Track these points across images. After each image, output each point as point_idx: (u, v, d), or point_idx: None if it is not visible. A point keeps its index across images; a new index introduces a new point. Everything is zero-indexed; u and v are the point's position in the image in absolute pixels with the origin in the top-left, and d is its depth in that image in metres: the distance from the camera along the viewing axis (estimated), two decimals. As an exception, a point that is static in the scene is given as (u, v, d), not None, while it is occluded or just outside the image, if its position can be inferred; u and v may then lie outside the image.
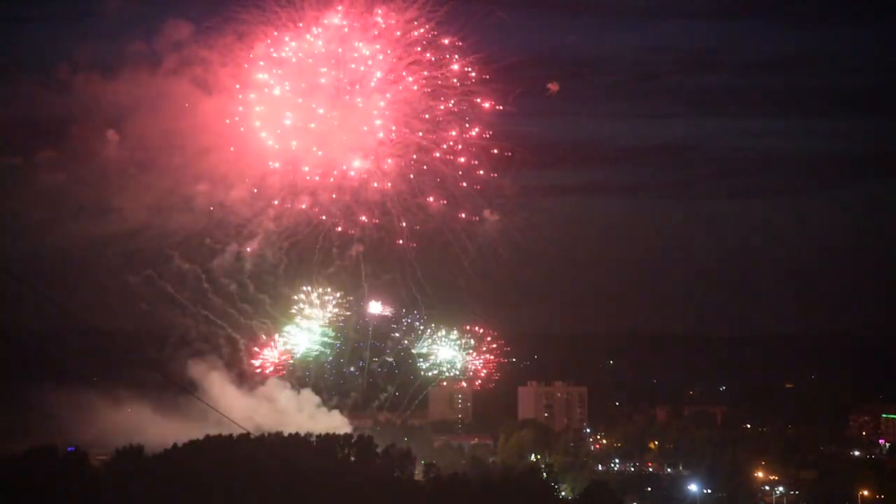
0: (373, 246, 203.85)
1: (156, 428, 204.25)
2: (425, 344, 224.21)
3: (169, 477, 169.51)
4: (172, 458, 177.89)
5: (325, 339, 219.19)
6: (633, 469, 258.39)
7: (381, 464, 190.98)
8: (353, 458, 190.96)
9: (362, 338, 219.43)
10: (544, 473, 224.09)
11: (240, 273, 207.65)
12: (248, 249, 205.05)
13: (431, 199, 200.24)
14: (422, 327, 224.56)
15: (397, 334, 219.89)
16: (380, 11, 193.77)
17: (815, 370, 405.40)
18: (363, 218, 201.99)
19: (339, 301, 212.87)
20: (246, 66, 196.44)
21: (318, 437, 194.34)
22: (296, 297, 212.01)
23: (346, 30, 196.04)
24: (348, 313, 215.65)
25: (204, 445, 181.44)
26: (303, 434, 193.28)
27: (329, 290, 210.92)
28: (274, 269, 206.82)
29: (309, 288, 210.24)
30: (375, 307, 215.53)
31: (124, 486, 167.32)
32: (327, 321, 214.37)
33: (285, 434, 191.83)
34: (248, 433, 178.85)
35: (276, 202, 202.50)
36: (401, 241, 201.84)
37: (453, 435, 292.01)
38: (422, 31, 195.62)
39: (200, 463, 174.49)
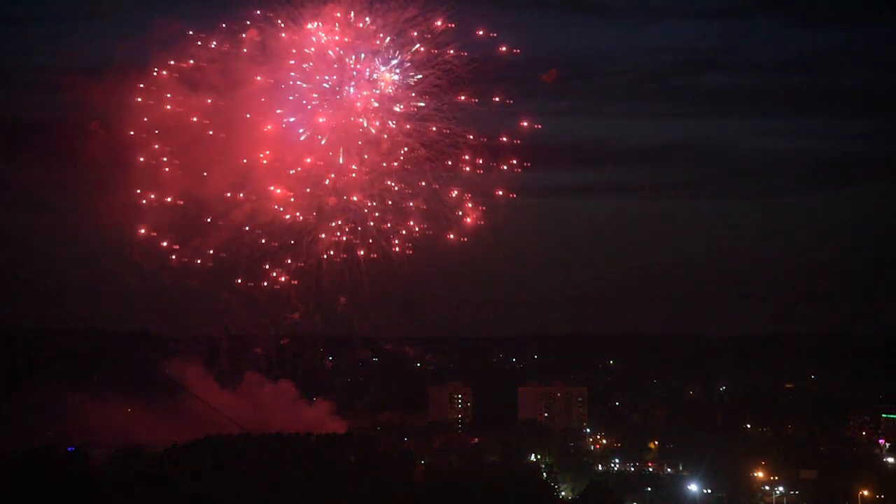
0: (344, 248, 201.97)
1: (147, 428, 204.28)
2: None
3: (169, 477, 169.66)
4: (172, 458, 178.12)
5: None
6: (633, 469, 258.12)
7: (381, 464, 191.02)
8: (352, 458, 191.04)
9: (336, 334, 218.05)
10: (544, 473, 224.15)
11: (204, 271, 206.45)
12: (213, 248, 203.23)
13: (418, 198, 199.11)
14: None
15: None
16: (378, 19, 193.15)
17: (815, 370, 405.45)
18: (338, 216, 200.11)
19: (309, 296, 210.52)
20: (236, 63, 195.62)
21: (318, 437, 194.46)
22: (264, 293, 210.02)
23: (340, 27, 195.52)
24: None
25: (204, 445, 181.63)
26: (303, 434, 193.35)
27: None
28: (237, 267, 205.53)
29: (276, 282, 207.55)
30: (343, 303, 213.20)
31: (124, 486, 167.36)
32: (297, 316, 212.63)
33: (285, 434, 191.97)
34: (248, 433, 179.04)
35: (250, 198, 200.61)
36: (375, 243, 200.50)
37: (453, 435, 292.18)
38: (420, 29, 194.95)
39: (200, 463, 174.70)
